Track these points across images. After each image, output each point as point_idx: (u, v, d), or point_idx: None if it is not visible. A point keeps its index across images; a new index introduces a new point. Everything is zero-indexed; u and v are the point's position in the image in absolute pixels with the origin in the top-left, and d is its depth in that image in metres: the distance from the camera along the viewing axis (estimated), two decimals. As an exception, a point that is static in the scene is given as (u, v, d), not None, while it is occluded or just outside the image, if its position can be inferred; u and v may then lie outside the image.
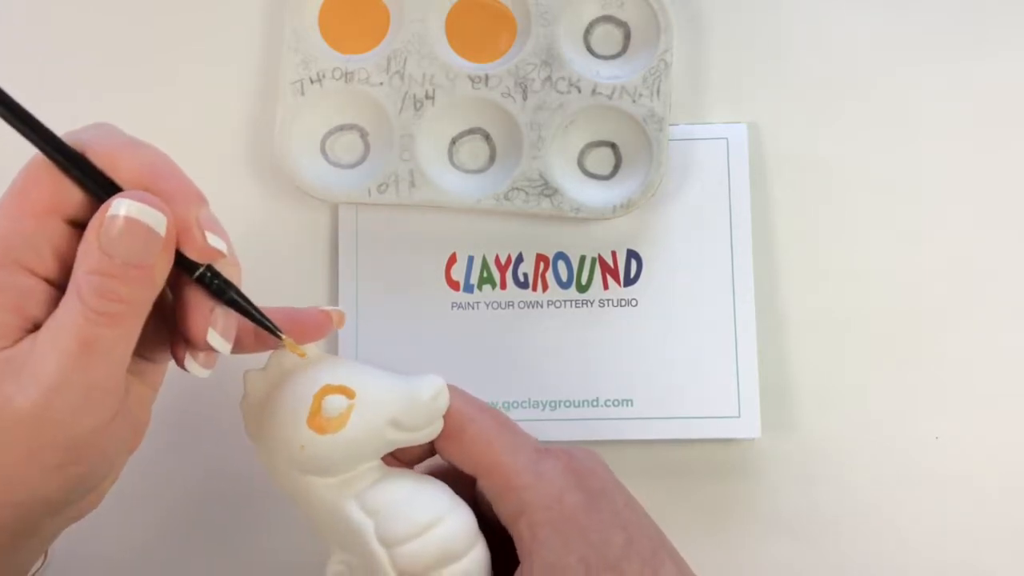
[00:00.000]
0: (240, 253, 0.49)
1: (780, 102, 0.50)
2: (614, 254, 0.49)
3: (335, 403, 0.37)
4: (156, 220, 0.33)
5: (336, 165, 0.50)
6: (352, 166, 0.49)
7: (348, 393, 0.37)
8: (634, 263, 0.49)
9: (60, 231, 0.34)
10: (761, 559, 0.48)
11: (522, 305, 0.49)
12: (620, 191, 0.48)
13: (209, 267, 0.35)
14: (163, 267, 0.34)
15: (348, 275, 0.49)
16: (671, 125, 0.48)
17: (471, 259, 0.49)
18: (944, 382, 0.49)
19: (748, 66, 0.50)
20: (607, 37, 0.50)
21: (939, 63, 0.50)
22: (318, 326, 0.38)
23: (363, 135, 0.50)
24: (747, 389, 0.47)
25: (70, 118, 0.50)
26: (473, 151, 0.50)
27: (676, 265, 0.48)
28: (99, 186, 0.34)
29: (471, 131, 0.50)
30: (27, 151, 0.34)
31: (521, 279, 0.49)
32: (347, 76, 0.49)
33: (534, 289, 0.49)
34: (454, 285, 0.49)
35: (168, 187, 0.34)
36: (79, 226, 0.34)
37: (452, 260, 0.49)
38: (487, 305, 0.49)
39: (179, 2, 0.51)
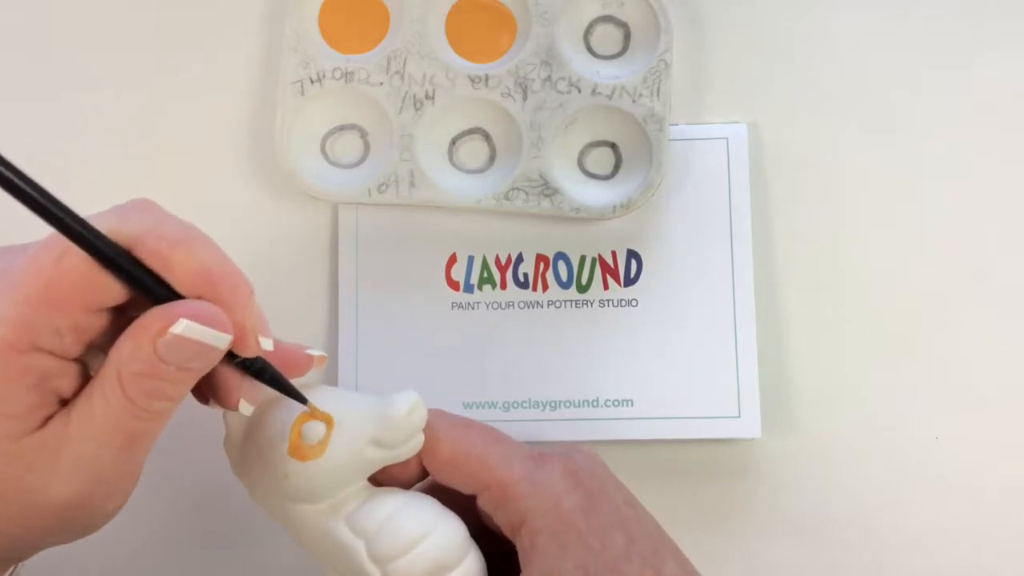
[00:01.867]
0: (240, 253, 0.50)
1: (780, 102, 0.50)
2: (614, 254, 0.49)
3: (314, 430, 0.37)
4: (219, 339, 0.33)
5: (336, 165, 0.50)
6: (352, 166, 0.49)
7: (326, 419, 0.37)
8: (634, 263, 0.49)
9: (90, 318, 0.33)
10: (761, 559, 0.48)
11: (522, 305, 0.49)
12: (620, 191, 0.48)
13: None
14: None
15: (348, 275, 0.49)
16: (671, 125, 0.48)
17: (471, 259, 0.49)
18: (944, 382, 0.49)
19: (748, 66, 0.50)
20: (607, 37, 0.50)
21: (939, 63, 0.50)
22: (297, 366, 0.38)
23: (363, 135, 0.50)
24: (747, 389, 0.47)
25: (71, 117, 0.50)
26: (473, 151, 0.50)
27: (676, 265, 0.48)
28: (151, 289, 0.33)
29: (471, 131, 0.50)
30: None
31: (521, 279, 0.49)
32: (347, 76, 0.49)
33: (534, 289, 0.49)
34: (454, 285, 0.49)
35: (224, 293, 0.33)
36: (112, 310, 0.33)
37: (452, 260, 0.49)
38: (487, 305, 0.49)
39: (179, 2, 0.51)
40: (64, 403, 0.33)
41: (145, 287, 0.33)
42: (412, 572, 0.36)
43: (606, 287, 0.48)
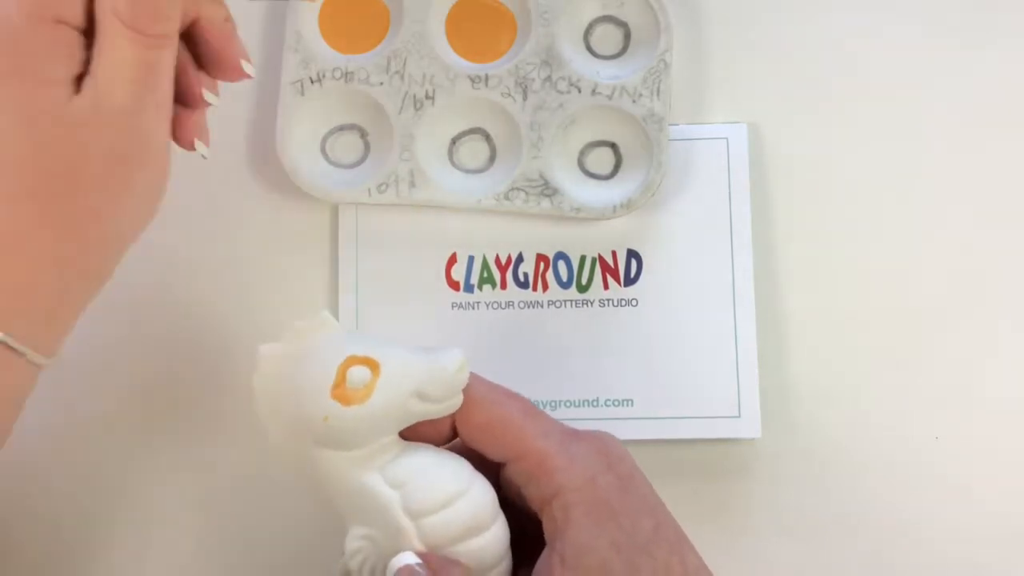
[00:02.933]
0: (241, 253, 0.50)
1: (780, 102, 0.50)
2: (614, 254, 0.49)
3: (360, 374, 0.36)
4: None
5: (336, 165, 0.50)
6: (352, 166, 0.49)
7: (373, 364, 0.36)
8: (634, 263, 0.49)
9: None
10: (761, 559, 0.48)
11: (522, 305, 0.49)
12: (620, 191, 0.48)
13: None
14: None
15: (348, 275, 0.49)
16: (671, 125, 0.48)
17: (471, 259, 0.49)
18: (944, 382, 0.49)
19: (748, 66, 0.50)
20: (607, 37, 0.50)
21: (939, 63, 0.50)
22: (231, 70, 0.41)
23: (363, 135, 0.50)
24: (747, 389, 0.47)
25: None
26: (473, 151, 0.50)
27: (676, 265, 0.48)
28: None
29: (471, 131, 0.50)
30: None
31: (521, 279, 0.49)
32: (347, 76, 0.49)
33: (534, 289, 0.49)
34: (454, 285, 0.49)
35: None
36: None
37: (452, 260, 0.49)
38: (487, 305, 0.49)
39: (179, 2, 0.51)
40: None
41: None
42: (447, 528, 0.36)
43: (606, 287, 0.48)
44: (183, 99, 0.40)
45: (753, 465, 0.48)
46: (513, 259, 0.49)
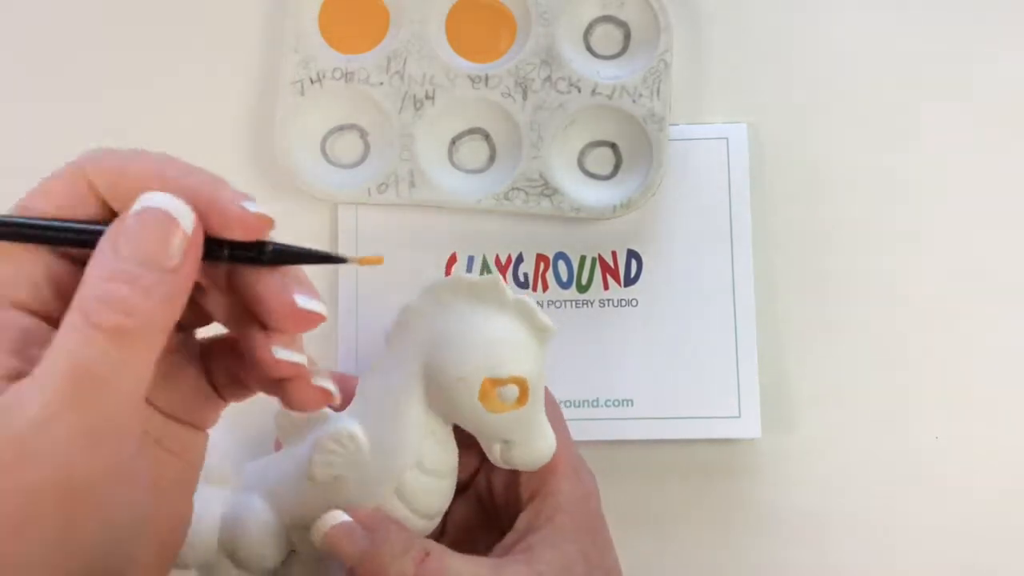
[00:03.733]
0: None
1: (780, 102, 0.50)
2: (614, 254, 0.49)
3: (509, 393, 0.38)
4: (179, 211, 0.28)
5: (336, 165, 0.50)
6: (352, 166, 0.49)
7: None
8: (634, 263, 0.49)
9: (59, 264, 0.29)
10: (761, 559, 0.48)
11: (522, 305, 0.49)
12: (620, 191, 0.48)
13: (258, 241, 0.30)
14: (187, 273, 0.28)
15: (348, 275, 0.49)
16: (671, 125, 0.48)
17: (471, 259, 0.49)
18: (944, 382, 0.49)
19: (748, 66, 0.50)
20: (607, 37, 0.50)
21: (939, 63, 0.50)
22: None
23: (363, 135, 0.50)
24: (747, 389, 0.47)
25: (71, 117, 0.50)
26: (473, 151, 0.50)
27: (676, 265, 0.48)
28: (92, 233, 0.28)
29: (471, 131, 0.50)
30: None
31: (521, 279, 0.49)
32: (347, 76, 0.49)
33: (534, 289, 0.49)
34: (454, 285, 0.49)
35: (188, 181, 0.28)
36: (81, 263, 0.28)
37: (452, 260, 0.49)
38: (487, 305, 0.49)
39: (179, 2, 0.51)
40: None
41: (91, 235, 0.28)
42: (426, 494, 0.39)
43: (606, 287, 0.48)
44: (265, 375, 0.31)
45: (753, 465, 0.48)
46: (513, 259, 0.49)
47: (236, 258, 0.30)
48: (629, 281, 0.49)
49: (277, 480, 0.40)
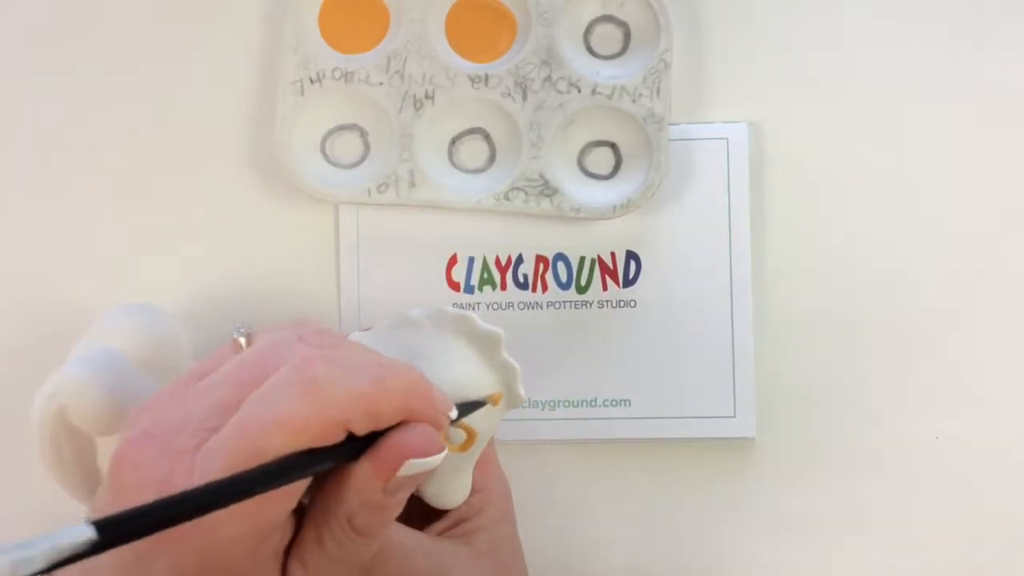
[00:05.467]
0: (240, 254, 0.50)
1: (780, 102, 0.50)
2: (613, 255, 0.49)
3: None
4: (438, 459, 0.33)
5: (336, 165, 0.50)
6: (352, 166, 0.49)
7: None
8: (633, 264, 0.49)
9: None
10: (757, 558, 0.48)
11: (522, 306, 0.49)
12: (620, 191, 0.48)
13: None
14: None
15: (349, 275, 0.49)
16: (671, 125, 0.48)
17: (471, 260, 0.49)
18: (944, 382, 0.49)
19: (748, 66, 0.50)
20: (607, 37, 0.50)
21: (939, 63, 0.50)
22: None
23: (363, 135, 0.50)
24: (743, 389, 0.47)
25: (71, 117, 0.50)
26: (473, 151, 0.50)
27: (675, 266, 0.48)
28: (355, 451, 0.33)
29: (471, 131, 0.50)
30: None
31: (521, 280, 0.49)
32: (347, 76, 0.49)
33: (534, 290, 0.49)
34: (455, 286, 0.49)
35: (420, 413, 0.34)
36: None
37: (453, 261, 0.49)
38: (487, 306, 0.49)
39: (179, 2, 0.51)
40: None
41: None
42: None
43: (605, 288, 0.49)
44: None
45: (749, 465, 0.49)
46: (513, 260, 0.49)
47: None
48: (628, 283, 0.49)
49: None
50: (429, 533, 0.39)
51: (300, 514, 0.34)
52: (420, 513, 0.40)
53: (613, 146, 0.49)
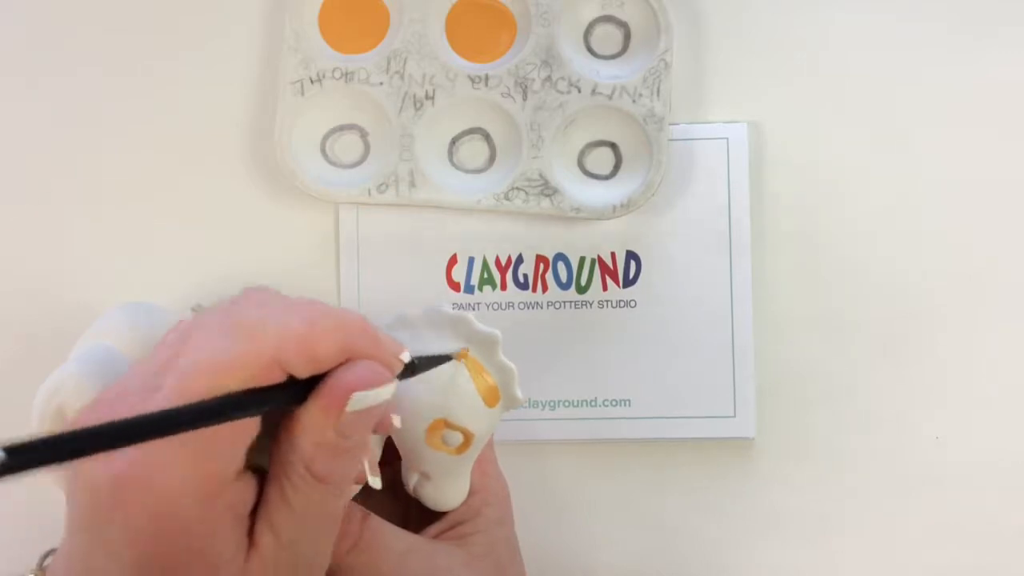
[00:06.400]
0: (241, 254, 0.50)
1: (780, 102, 0.50)
2: (613, 255, 0.49)
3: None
4: (386, 391, 0.33)
5: (336, 165, 0.50)
6: (352, 166, 0.50)
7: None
8: (633, 264, 0.49)
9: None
10: (757, 558, 0.48)
11: (522, 306, 0.49)
12: (620, 191, 0.48)
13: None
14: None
15: (349, 276, 0.49)
16: (671, 125, 0.48)
17: (472, 260, 0.49)
18: (944, 382, 0.49)
19: (748, 66, 0.50)
20: (607, 37, 0.50)
21: (940, 62, 0.50)
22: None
23: (363, 135, 0.50)
24: (743, 389, 0.48)
25: (71, 118, 0.50)
26: (473, 151, 0.50)
27: (675, 266, 0.48)
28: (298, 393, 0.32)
29: (471, 131, 0.50)
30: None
31: (521, 280, 0.49)
32: (347, 76, 0.49)
33: (534, 290, 0.49)
34: (455, 286, 0.49)
35: (362, 349, 0.33)
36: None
37: (453, 261, 0.49)
38: (488, 306, 0.49)
39: (179, 2, 0.51)
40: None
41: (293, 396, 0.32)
42: None
43: (605, 288, 0.49)
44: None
45: (749, 465, 0.49)
46: (513, 260, 0.49)
47: None
48: (628, 283, 0.49)
49: None
50: (426, 535, 0.39)
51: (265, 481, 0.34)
52: (417, 515, 0.40)
53: (613, 146, 0.49)
